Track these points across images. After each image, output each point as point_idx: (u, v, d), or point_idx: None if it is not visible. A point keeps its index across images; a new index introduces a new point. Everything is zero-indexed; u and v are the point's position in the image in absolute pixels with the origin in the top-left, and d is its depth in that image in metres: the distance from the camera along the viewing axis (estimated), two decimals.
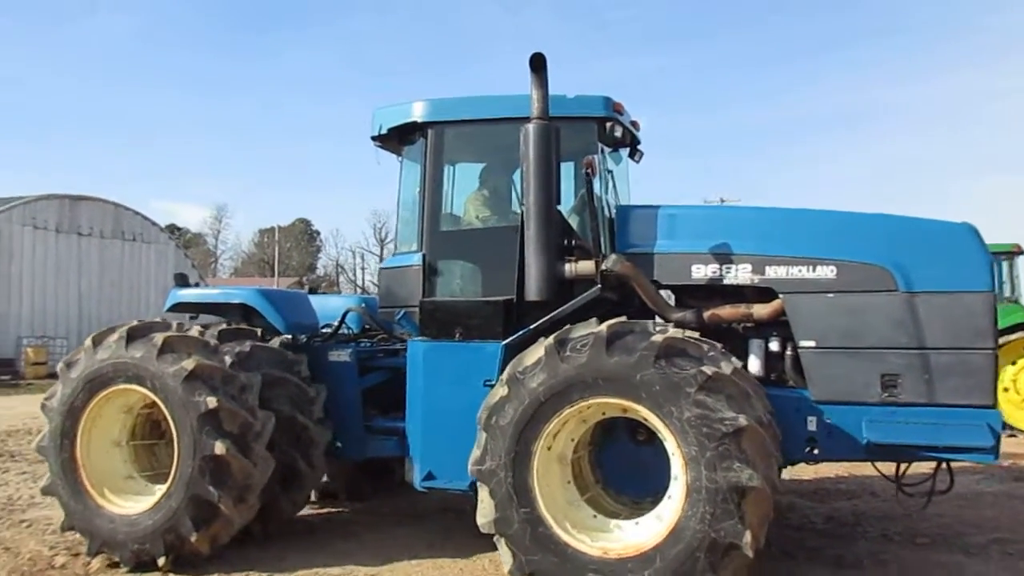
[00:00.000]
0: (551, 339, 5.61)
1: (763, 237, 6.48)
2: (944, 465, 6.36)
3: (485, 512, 5.56)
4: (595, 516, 5.73)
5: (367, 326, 7.98)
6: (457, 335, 6.50)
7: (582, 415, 5.63)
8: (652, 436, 5.76)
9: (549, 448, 5.58)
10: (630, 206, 7.07)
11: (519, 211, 6.37)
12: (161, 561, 6.20)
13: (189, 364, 6.17)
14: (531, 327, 6.19)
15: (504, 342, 6.24)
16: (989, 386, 5.96)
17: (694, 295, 6.67)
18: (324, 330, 7.73)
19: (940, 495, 6.53)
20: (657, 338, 5.39)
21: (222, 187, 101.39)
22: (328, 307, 7.89)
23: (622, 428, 6.12)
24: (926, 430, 5.94)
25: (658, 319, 6.38)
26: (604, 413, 5.68)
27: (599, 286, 6.30)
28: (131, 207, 37.36)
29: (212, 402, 6.09)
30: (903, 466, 6.50)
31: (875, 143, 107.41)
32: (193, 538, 6.13)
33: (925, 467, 6.46)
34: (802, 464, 6.86)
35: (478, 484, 5.70)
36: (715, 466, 5.12)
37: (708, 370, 5.24)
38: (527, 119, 6.20)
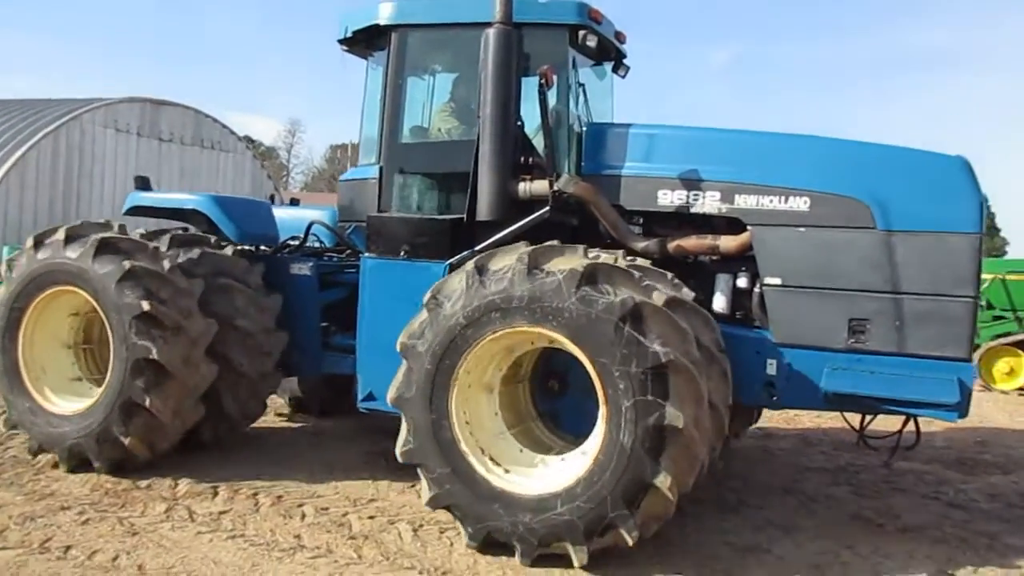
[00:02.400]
0: (471, 263, 5.28)
1: (735, 163, 5.98)
2: (913, 419, 5.89)
3: (404, 441, 5.34)
4: (521, 451, 5.44)
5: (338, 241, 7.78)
6: (403, 253, 6.22)
7: (506, 344, 5.30)
8: None
9: (470, 377, 5.28)
10: (600, 124, 6.62)
11: None
12: (95, 462, 6.20)
13: (125, 265, 6.06)
14: (475, 248, 5.87)
15: (448, 262, 5.94)
16: (965, 337, 5.45)
17: (661, 223, 6.23)
18: (292, 242, 7.53)
19: (905, 450, 6.08)
20: (580, 263, 4.99)
21: (296, 103, 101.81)
22: (303, 220, 7.67)
23: (569, 359, 5.80)
24: (891, 381, 5.48)
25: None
26: (532, 343, 5.35)
27: (548, 208, 5.91)
28: (211, 115, 37.49)
29: (145, 305, 5.97)
30: (868, 417, 6.04)
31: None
32: (126, 441, 6.09)
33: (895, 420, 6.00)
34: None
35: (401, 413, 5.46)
36: (635, 404, 4.75)
37: (632, 299, 4.85)
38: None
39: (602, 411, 4.91)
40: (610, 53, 7.00)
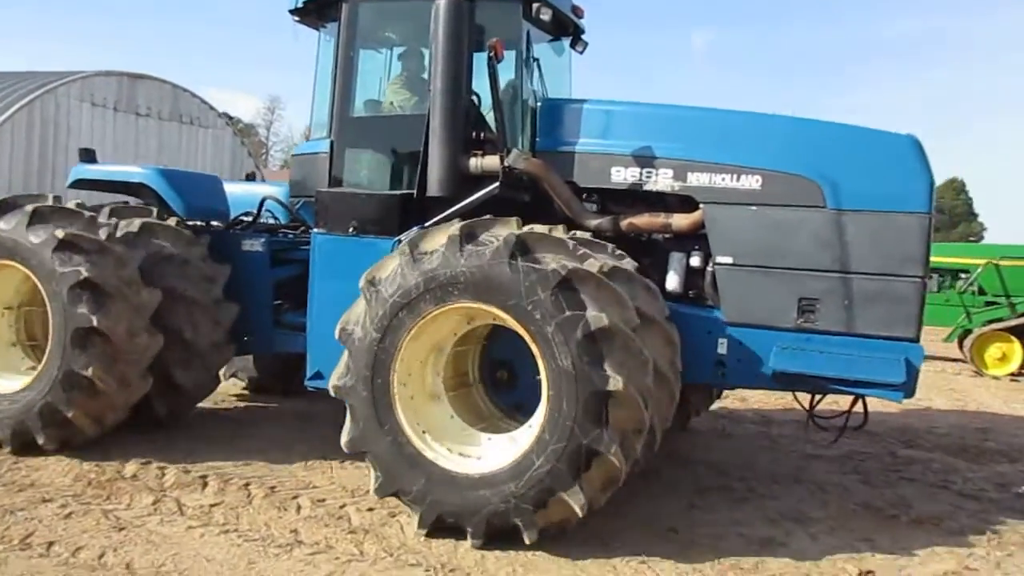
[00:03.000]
0: (405, 243, 5.19)
1: (688, 140, 5.92)
2: (861, 400, 5.87)
3: (348, 430, 5.27)
4: (465, 431, 5.39)
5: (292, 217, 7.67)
6: (352, 229, 6.13)
7: (447, 323, 5.23)
8: None
9: (413, 360, 5.21)
10: (554, 100, 6.51)
11: None
12: (41, 439, 6.09)
13: (59, 234, 5.94)
14: (424, 224, 5.78)
15: (397, 238, 5.86)
16: (914, 318, 5.41)
17: (615, 201, 6.17)
18: (245, 218, 7.41)
19: (853, 430, 6.06)
20: (510, 235, 4.91)
21: (276, 80, 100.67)
22: (258, 196, 7.55)
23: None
24: (839, 361, 5.45)
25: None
26: (471, 320, 5.28)
27: (497, 183, 5.83)
28: (190, 89, 36.97)
29: (83, 272, 5.87)
30: (818, 396, 6.02)
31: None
32: (71, 414, 6.00)
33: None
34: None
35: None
36: (575, 371, 4.69)
37: (566, 266, 4.78)
38: None
39: (543, 382, 4.86)
40: (567, 27, 6.90)
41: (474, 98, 6.04)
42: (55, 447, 6.18)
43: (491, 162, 5.88)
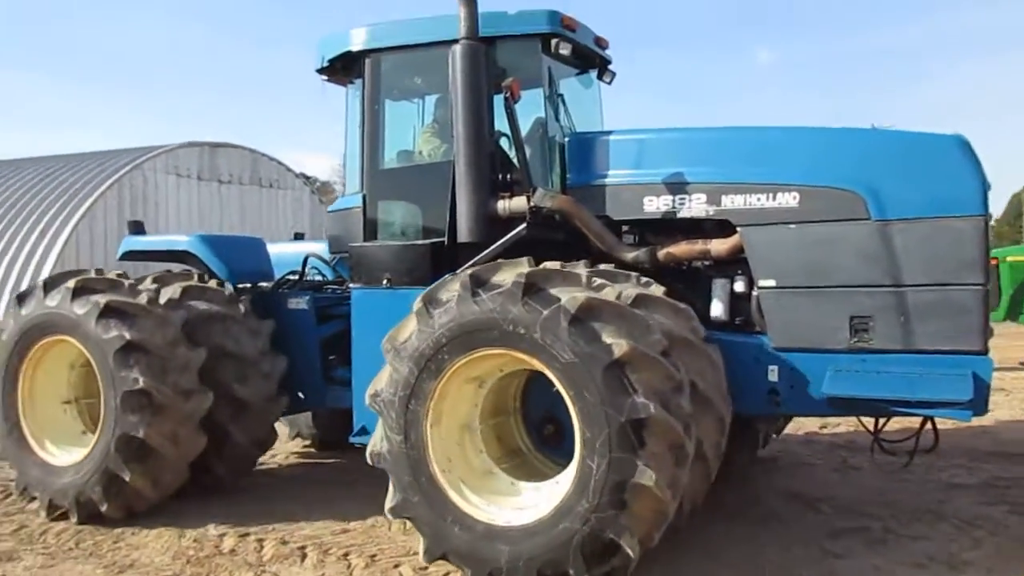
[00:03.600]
0: (419, 299, 5.09)
1: (719, 162, 5.72)
2: (930, 420, 5.49)
3: (391, 496, 5.14)
4: (513, 483, 5.22)
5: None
6: (385, 281, 6.11)
7: (473, 374, 5.11)
8: None
9: (445, 417, 5.09)
10: (582, 134, 6.39)
11: None
12: (104, 508, 6.17)
13: (100, 302, 6.08)
14: (454, 272, 5.70)
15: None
16: (977, 328, 5.05)
17: (651, 231, 5.99)
18: (291, 276, 7.49)
19: (924, 453, 5.66)
20: (519, 275, 4.74)
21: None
22: (301, 254, 7.63)
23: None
24: (899, 381, 5.12)
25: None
26: (501, 370, 5.14)
27: (525, 224, 5.73)
28: (267, 154, 38.13)
29: (126, 335, 5.98)
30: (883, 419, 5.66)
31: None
32: (129, 479, 6.07)
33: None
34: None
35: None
36: (603, 402, 4.47)
37: (577, 298, 4.58)
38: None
39: (575, 421, 4.65)
40: (592, 60, 6.80)
41: (504, 139, 5.97)
42: (120, 515, 6.24)
43: (519, 203, 5.79)
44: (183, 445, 6.31)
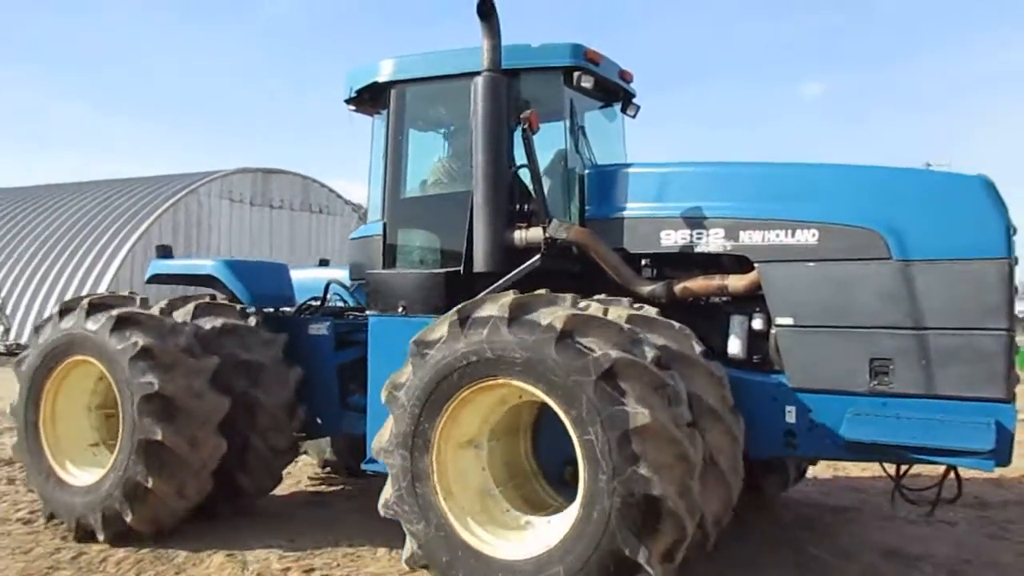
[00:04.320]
0: (455, 310, 5.07)
1: (738, 197, 5.64)
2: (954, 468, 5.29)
3: (385, 492, 5.16)
4: (507, 511, 5.17)
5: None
6: (400, 309, 6.12)
7: (494, 396, 5.07)
8: None
9: (456, 432, 5.07)
10: (601, 166, 6.36)
11: None
12: (101, 536, 6.20)
13: (139, 343, 6.09)
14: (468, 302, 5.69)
15: None
16: (1001, 374, 4.87)
17: (668, 265, 5.92)
18: (314, 302, 7.55)
19: (948, 503, 5.45)
20: (559, 316, 4.69)
21: None
22: (323, 280, 7.69)
23: None
24: (919, 427, 4.95)
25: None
26: (521, 395, 5.09)
27: (539, 256, 5.70)
28: (318, 180, 38.71)
29: (155, 385, 5.99)
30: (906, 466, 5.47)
31: None
32: (129, 519, 6.09)
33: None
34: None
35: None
36: (612, 468, 4.40)
37: (610, 356, 4.50)
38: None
39: (580, 470, 4.61)
40: (616, 93, 6.78)
41: (523, 170, 5.97)
42: (147, 528, 6.26)
43: (535, 234, 5.78)
44: (188, 494, 6.30)
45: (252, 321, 6.90)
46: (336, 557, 6.11)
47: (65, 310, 6.56)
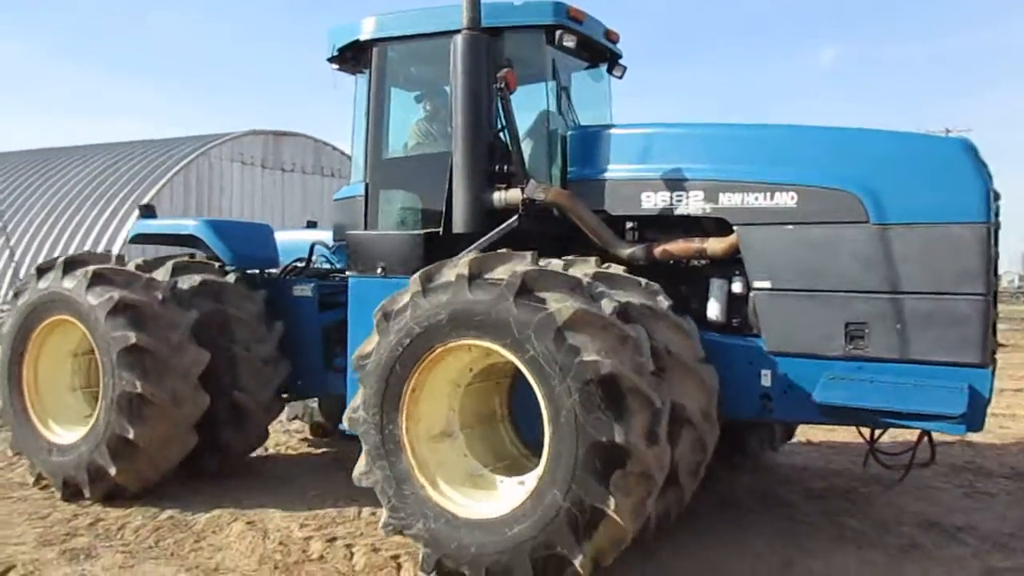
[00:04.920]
0: (417, 275, 5.05)
1: (718, 159, 5.57)
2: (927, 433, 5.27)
3: (360, 463, 5.17)
4: (478, 471, 5.18)
5: None
6: (379, 270, 6.10)
7: (463, 358, 5.06)
8: None
9: (425, 395, 5.07)
10: (583, 127, 6.29)
11: None
12: (87, 491, 6.28)
13: (114, 297, 6.13)
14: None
15: None
16: (977, 339, 4.83)
17: (648, 227, 5.86)
18: (298, 264, 7.55)
19: (920, 467, 5.43)
20: (517, 272, 4.67)
21: None
22: (308, 242, 7.69)
23: None
24: (891, 391, 4.92)
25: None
26: (488, 355, 5.07)
27: (516, 217, 5.66)
28: (330, 143, 38.48)
29: (132, 338, 6.02)
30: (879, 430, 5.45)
31: None
32: (113, 473, 6.15)
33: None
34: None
35: None
36: (575, 418, 4.40)
37: (570, 308, 4.48)
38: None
39: (545, 426, 4.59)
40: (602, 54, 6.69)
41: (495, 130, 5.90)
42: (135, 485, 6.34)
43: (514, 195, 5.73)
44: (171, 447, 6.40)
45: (231, 278, 6.90)
46: (359, 526, 6.02)
47: (42, 270, 6.59)
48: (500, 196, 5.78)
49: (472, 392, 5.32)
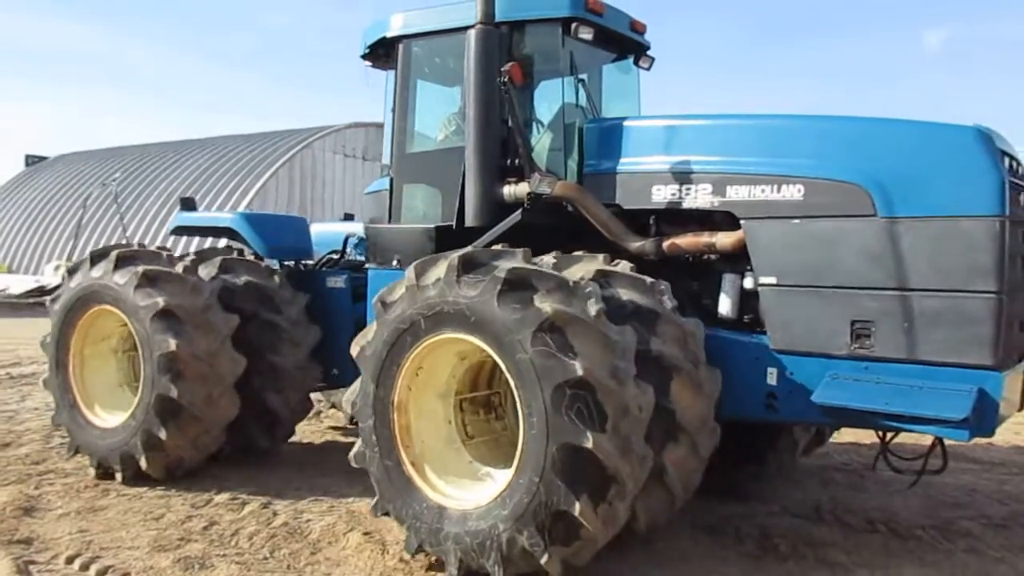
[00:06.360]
0: (411, 267, 5.11)
1: (726, 152, 5.44)
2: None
3: (356, 445, 5.30)
4: (470, 462, 5.23)
5: None
6: (395, 262, 6.23)
7: (453, 350, 5.12)
8: None
9: (416, 385, 5.14)
10: (598, 121, 6.24)
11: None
12: (118, 476, 6.61)
13: (159, 303, 6.36)
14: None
15: None
16: (988, 340, 4.59)
17: (659, 221, 5.79)
18: (333, 255, 7.76)
19: (932, 473, 5.17)
20: (502, 270, 4.66)
21: None
22: (343, 234, 7.90)
23: None
24: (894, 393, 4.72)
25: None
26: (482, 352, 5.11)
27: (520, 211, 5.68)
28: None
29: (172, 344, 6.28)
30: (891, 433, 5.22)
31: None
32: (143, 463, 6.47)
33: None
34: None
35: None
36: (547, 419, 4.38)
37: (550, 308, 4.46)
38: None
39: (520, 423, 4.60)
40: (626, 45, 6.61)
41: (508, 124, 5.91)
42: (160, 474, 6.61)
43: (523, 189, 5.76)
44: (216, 407, 6.60)
45: (276, 280, 7.15)
46: None
47: (97, 257, 6.93)
48: (510, 190, 5.82)
49: (466, 383, 5.38)
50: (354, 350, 5.31)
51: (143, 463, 6.52)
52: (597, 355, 4.43)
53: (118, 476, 6.64)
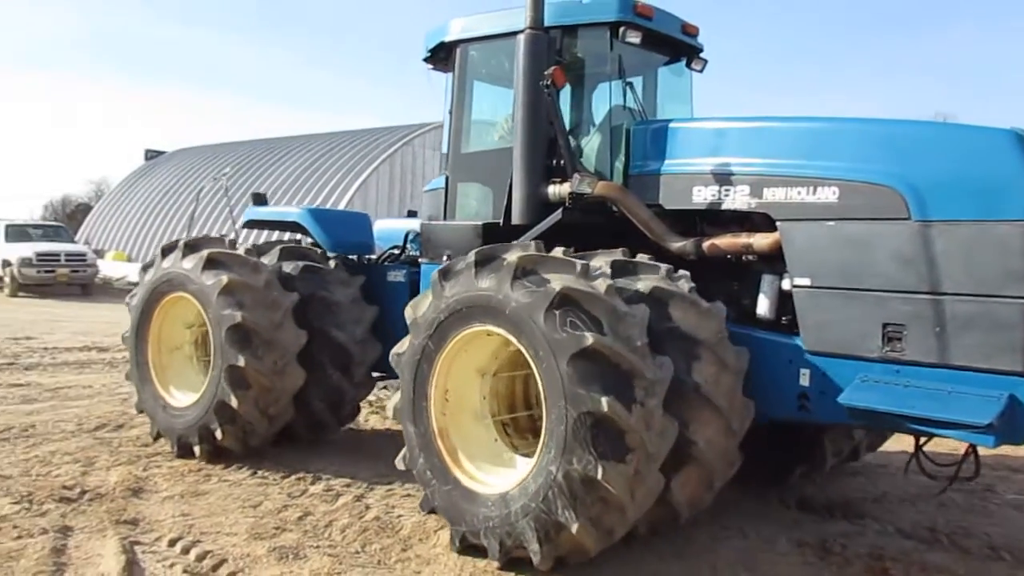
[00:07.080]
0: (436, 272, 5.37)
1: (764, 154, 5.48)
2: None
3: (404, 450, 5.54)
4: (496, 440, 5.46)
5: None
6: (445, 258, 6.48)
7: (486, 346, 5.33)
8: None
9: (451, 385, 5.39)
10: (644, 123, 6.32)
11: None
12: (197, 450, 7.06)
13: (224, 279, 6.82)
14: None
15: None
16: (1020, 346, 4.50)
17: (699, 222, 5.88)
18: (394, 251, 8.08)
19: (965, 480, 5.09)
20: (513, 258, 4.91)
21: None
22: (404, 230, 8.20)
23: None
24: (922, 396, 4.69)
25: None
26: (508, 342, 5.30)
27: (561, 209, 5.86)
28: None
29: (238, 316, 6.71)
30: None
31: None
32: (220, 437, 6.89)
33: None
34: None
35: None
36: (562, 391, 4.57)
37: (560, 286, 4.67)
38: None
39: (544, 410, 4.78)
40: (678, 48, 6.69)
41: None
42: (236, 447, 7.04)
43: (567, 189, 5.93)
44: (282, 376, 6.98)
45: (332, 264, 7.50)
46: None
47: (166, 250, 7.45)
48: (555, 190, 6.00)
49: (501, 379, 5.60)
50: (392, 359, 5.58)
51: (219, 434, 6.91)
52: (608, 325, 4.62)
53: (196, 450, 7.08)
